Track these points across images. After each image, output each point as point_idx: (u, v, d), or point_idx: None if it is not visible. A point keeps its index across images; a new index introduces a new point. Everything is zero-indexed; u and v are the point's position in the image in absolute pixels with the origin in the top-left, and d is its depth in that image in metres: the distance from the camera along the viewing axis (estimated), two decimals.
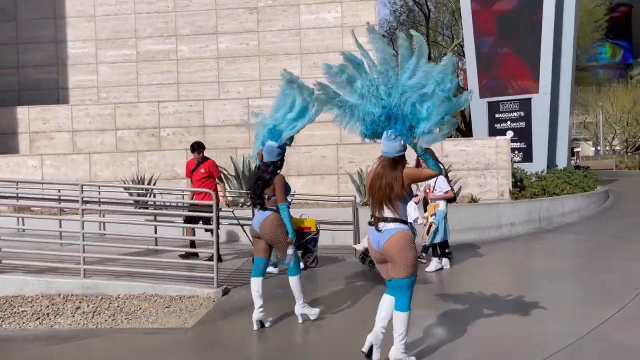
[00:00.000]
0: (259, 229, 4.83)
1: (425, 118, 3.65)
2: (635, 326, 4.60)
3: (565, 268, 7.26)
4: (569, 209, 11.57)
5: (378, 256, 3.77)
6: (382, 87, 3.73)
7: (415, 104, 3.67)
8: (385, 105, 3.72)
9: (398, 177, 3.65)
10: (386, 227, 3.67)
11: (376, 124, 3.77)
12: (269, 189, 4.80)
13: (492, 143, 11.21)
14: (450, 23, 25.07)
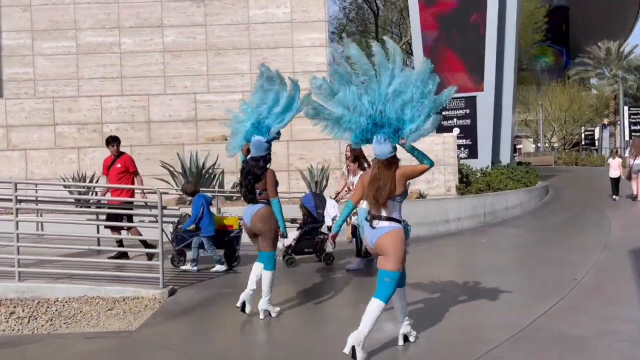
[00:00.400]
0: (250, 222, 4.89)
1: (409, 120, 3.90)
2: (574, 316, 4.77)
3: (509, 261, 7.50)
4: (512, 204, 11.97)
5: (372, 250, 4.04)
6: (365, 97, 3.96)
7: (398, 109, 3.91)
8: (370, 114, 3.95)
9: (392, 177, 3.87)
10: (380, 224, 3.90)
11: (364, 131, 4.01)
12: (260, 184, 4.86)
13: (439, 140, 11.42)
14: (399, 21, 25.43)
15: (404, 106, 3.91)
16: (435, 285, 6.05)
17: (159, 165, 10.68)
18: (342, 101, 4.00)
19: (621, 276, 6.22)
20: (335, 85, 3.99)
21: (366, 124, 3.98)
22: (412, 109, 3.90)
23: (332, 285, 6.30)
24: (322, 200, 7.60)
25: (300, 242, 7.39)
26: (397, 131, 3.94)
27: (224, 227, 7.16)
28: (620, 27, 75.21)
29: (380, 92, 3.93)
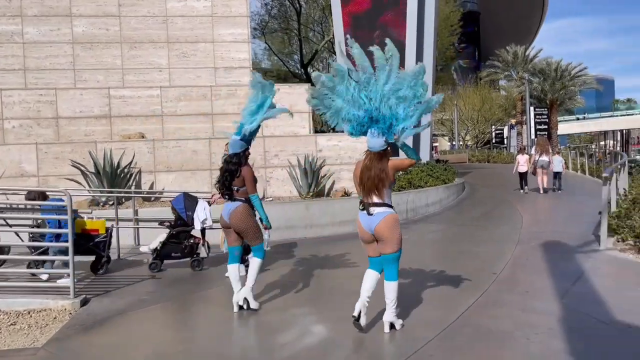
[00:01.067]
0: (229, 219, 5.01)
1: (403, 118, 4.27)
2: (495, 310, 4.92)
3: (432, 257, 7.67)
4: (432, 200, 12.34)
5: (368, 237, 4.36)
6: (363, 93, 4.34)
7: (393, 107, 4.28)
8: (367, 109, 4.33)
9: (385, 168, 4.26)
10: (376, 210, 4.26)
11: (361, 124, 4.37)
12: (238, 180, 4.99)
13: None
14: (321, 19, 25.52)
15: (398, 105, 4.27)
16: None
17: (68, 164, 9.95)
18: (342, 94, 4.37)
19: (534, 269, 6.53)
20: (337, 80, 4.34)
21: (363, 118, 4.34)
22: (405, 108, 4.27)
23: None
24: (193, 201, 7.21)
25: (166, 246, 6.99)
26: (390, 127, 4.30)
27: (87, 232, 6.56)
28: (526, 33, 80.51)
29: (377, 89, 4.30)
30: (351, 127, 4.43)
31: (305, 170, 10.34)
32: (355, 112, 4.37)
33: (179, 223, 7.10)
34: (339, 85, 4.36)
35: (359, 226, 4.42)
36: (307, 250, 8.20)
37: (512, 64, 45.37)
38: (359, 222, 4.41)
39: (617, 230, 7.95)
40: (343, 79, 4.35)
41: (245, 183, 5.01)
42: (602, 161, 19.71)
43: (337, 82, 4.35)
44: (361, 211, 4.36)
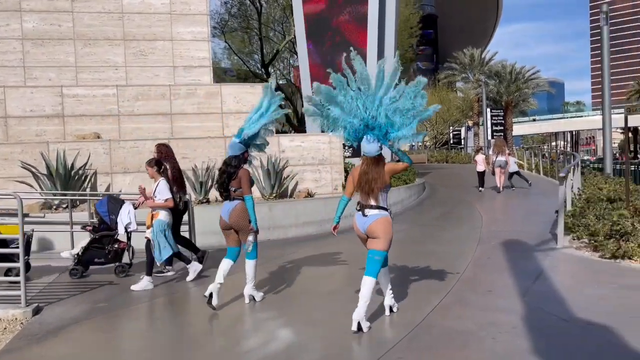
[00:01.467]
0: (228, 218, 5.23)
1: (399, 126, 4.54)
2: (460, 309, 4.95)
3: (396, 257, 7.66)
4: (393, 201, 12.41)
5: (362, 235, 4.70)
6: (360, 103, 4.58)
7: (389, 115, 4.52)
8: (362, 117, 4.58)
9: (381, 172, 4.52)
10: (371, 213, 4.53)
11: (357, 131, 4.64)
12: (235, 182, 5.22)
13: (325, 139, 11.50)
14: (282, 19, 25.37)
15: (395, 114, 4.53)
16: (328, 284, 6.00)
17: (18, 166, 9.49)
18: (340, 103, 4.62)
19: (496, 268, 6.62)
20: (336, 90, 4.61)
21: (358, 125, 4.62)
22: (401, 117, 4.53)
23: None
24: (117, 204, 6.89)
25: (88, 251, 6.67)
26: (386, 134, 4.58)
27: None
28: (481, 36, 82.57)
29: (375, 100, 4.57)
30: (347, 133, 4.70)
31: (268, 171, 10.21)
32: (351, 120, 4.64)
33: (102, 227, 6.78)
34: (338, 95, 4.63)
35: (354, 225, 4.73)
36: (271, 252, 8.08)
37: (469, 66, 46.37)
38: (354, 221, 4.73)
39: (572, 228, 8.18)
40: (342, 89, 4.62)
41: (241, 184, 5.23)
42: (555, 161, 20.36)
43: (337, 92, 4.63)
44: (357, 212, 4.66)
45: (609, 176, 13.81)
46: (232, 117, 11.74)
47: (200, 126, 11.57)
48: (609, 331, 4.22)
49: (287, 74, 28.63)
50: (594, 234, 7.43)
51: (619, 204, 8.33)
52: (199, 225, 8.90)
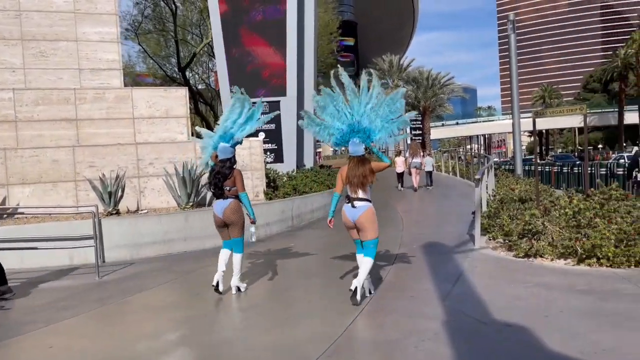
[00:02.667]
0: (223, 215, 5.73)
1: (380, 129, 5.42)
2: (383, 317, 4.81)
3: (318, 264, 7.49)
4: (317, 206, 12.28)
5: (350, 224, 5.36)
6: (347, 111, 5.47)
7: (372, 120, 5.41)
8: (350, 123, 5.46)
9: (367, 169, 5.28)
10: (359, 204, 5.25)
11: (344, 135, 5.51)
12: (229, 181, 5.75)
13: (245, 144, 11.10)
14: (199, 22, 24.61)
15: (376, 119, 5.40)
16: (244, 298, 5.67)
17: None
18: (331, 113, 5.53)
19: (418, 272, 6.60)
20: (327, 100, 5.52)
21: (345, 130, 5.48)
22: (382, 121, 5.41)
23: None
24: None
25: None
26: (369, 137, 5.43)
27: None
28: (399, 43, 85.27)
29: (360, 107, 5.43)
30: (335, 139, 5.59)
31: (183, 179, 9.69)
32: (339, 125, 5.52)
33: None
34: (329, 106, 5.52)
35: (344, 216, 5.38)
36: (185, 266, 7.63)
37: (388, 72, 47.58)
38: (344, 212, 5.37)
39: (488, 229, 8.38)
40: (332, 98, 5.52)
41: (235, 183, 5.78)
42: (470, 163, 21.19)
43: (328, 101, 5.53)
44: (346, 204, 5.34)
45: (520, 177, 14.48)
46: (145, 122, 11.08)
47: (110, 132, 10.81)
48: (526, 332, 4.24)
49: (206, 78, 27.88)
50: (508, 234, 7.63)
51: (530, 204, 8.64)
52: (109, 239, 8.28)
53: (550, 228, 7.15)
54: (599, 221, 6.82)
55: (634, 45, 58.99)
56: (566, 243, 6.71)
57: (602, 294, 5.24)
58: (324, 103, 5.58)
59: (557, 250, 6.79)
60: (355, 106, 5.45)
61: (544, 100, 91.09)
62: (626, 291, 5.30)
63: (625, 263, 6.34)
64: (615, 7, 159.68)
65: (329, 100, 5.55)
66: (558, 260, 6.76)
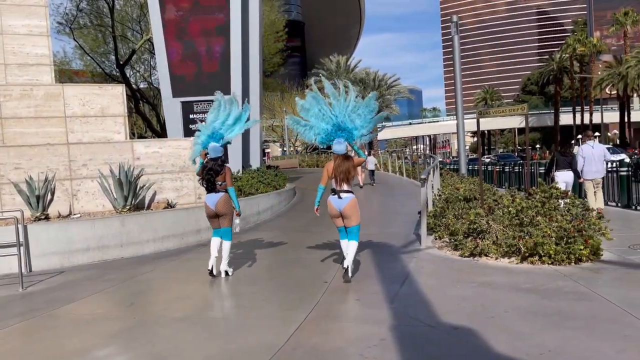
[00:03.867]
0: (215, 207, 6.39)
1: (359, 128, 6.29)
2: (327, 324, 4.61)
3: (263, 268, 7.22)
4: (263, 207, 11.98)
5: (336, 213, 6.08)
6: (330, 113, 6.28)
7: (354, 120, 6.25)
8: (334, 123, 6.27)
9: (351, 165, 6.07)
10: (345, 195, 6.01)
11: (328, 135, 6.30)
12: (220, 177, 6.39)
13: (187, 144, 10.69)
14: (140, 18, 23.66)
15: (356, 119, 6.27)
16: (185, 306, 5.34)
17: None
18: (316, 115, 6.34)
19: (364, 273, 6.45)
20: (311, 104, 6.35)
21: (330, 130, 6.29)
22: (361, 121, 6.28)
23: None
24: None
25: None
26: (352, 133, 6.26)
27: None
28: (347, 44, 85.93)
29: (341, 109, 6.25)
30: (321, 138, 6.37)
31: (120, 181, 9.16)
32: (324, 125, 6.31)
33: None
34: (313, 107, 6.34)
35: (330, 205, 6.10)
36: (121, 273, 7.17)
37: (335, 72, 47.72)
38: (330, 202, 6.09)
39: (434, 228, 8.37)
40: (317, 102, 6.34)
41: (225, 179, 6.42)
42: (416, 163, 21.44)
43: (312, 104, 6.35)
44: (333, 195, 6.08)
45: (464, 176, 14.72)
46: (78, 121, 10.43)
47: (39, 132, 10.11)
48: (473, 334, 4.15)
49: (148, 76, 26.90)
50: (453, 233, 7.63)
51: (475, 203, 8.70)
52: (36, 246, 7.69)
53: (495, 227, 7.19)
54: (540, 219, 6.91)
55: (569, 50, 61.98)
56: (510, 242, 6.76)
57: (545, 292, 5.26)
58: (309, 106, 6.36)
59: (501, 249, 6.83)
60: (338, 109, 6.25)
61: (486, 101, 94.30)
62: (567, 289, 5.34)
63: (566, 260, 6.45)
64: (550, 13, 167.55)
65: (313, 103, 6.34)
66: (502, 259, 6.80)
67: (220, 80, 14.77)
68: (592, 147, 10.52)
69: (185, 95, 14.59)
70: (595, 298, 4.96)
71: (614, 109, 62.81)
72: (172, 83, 14.57)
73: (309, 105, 6.36)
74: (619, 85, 52.46)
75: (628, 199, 12.00)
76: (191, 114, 14.67)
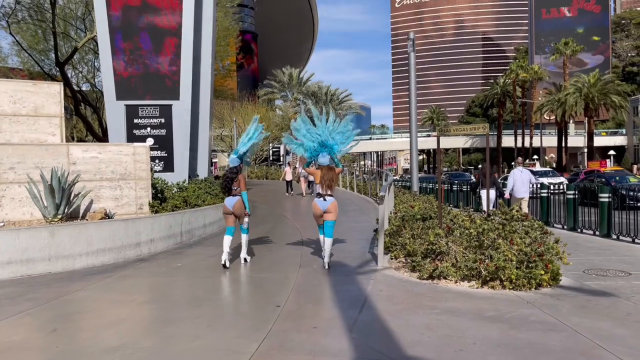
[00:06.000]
0: (232, 208, 7.67)
1: (339, 144, 7.80)
2: (281, 357, 4.12)
3: (209, 289, 6.63)
4: (210, 220, 11.33)
5: (320, 213, 7.42)
6: (316, 132, 7.74)
7: (334, 137, 7.74)
8: (320, 141, 7.72)
9: (334, 175, 7.47)
10: (329, 199, 7.39)
11: (314, 151, 7.78)
12: (236, 183, 7.69)
13: (129, 150, 9.95)
14: (84, 15, 22.37)
15: (337, 137, 7.74)
16: (120, 332, 4.69)
17: None
18: (304, 136, 7.78)
19: (320, 296, 6.02)
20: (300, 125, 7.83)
21: (317, 147, 7.74)
22: (341, 138, 7.78)
23: None
24: None
25: None
26: (332, 148, 7.72)
27: None
28: (299, 58, 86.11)
29: (324, 129, 7.71)
30: (309, 152, 7.80)
31: (51, 188, 8.31)
32: (310, 143, 7.75)
33: None
34: (301, 128, 7.79)
35: (316, 206, 7.43)
36: (47, 292, 6.38)
37: (287, 85, 47.43)
38: (315, 204, 7.44)
39: (390, 247, 8.05)
40: (304, 123, 7.79)
41: (240, 185, 7.70)
42: (367, 179, 21.29)
43: (301, 126, 7.80)
44: (318, 198, 7.44)
45: (416, 194, 14.59)
46: (7, 120, 9.48)
47: None
48: None
49: (91, 78, 25.47)
50: (411, 253, 7.33)
51: (431, 222, 8.45)
52: None
53: (454, 248, 6.93)
54: (501, 242, 6.71)
55: (512, 75, 64.48)
56: (470, 265, 6.50)
57: (511, 321, 4.98)
58: (299, 127, 7.84)
59: (462, 272, 6.57)
60: (321, 129, 7.72)
61: (433, 121, 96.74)
62: (533, 317, 5.10)
63: (527, 285, 6.26)
64: (495, 39, 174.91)
65: (302, 125, 7.81)
66: (462, 283, 6.53)
67: (169, 85, 14.02)
68: (521, 171, 12.65)
69: (130, 99, 13.71)
70: (564, 329, 4.72)
71: (552, 134, 65.69)
72: (117, 85, 13.66)
73: (298, 127, 7.83)
74: (557, 111, 54.89)
75: (574, 221, 12.20)
76: (136, 119, 13.79)
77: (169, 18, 14.00)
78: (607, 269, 7.51)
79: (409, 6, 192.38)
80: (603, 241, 10.39)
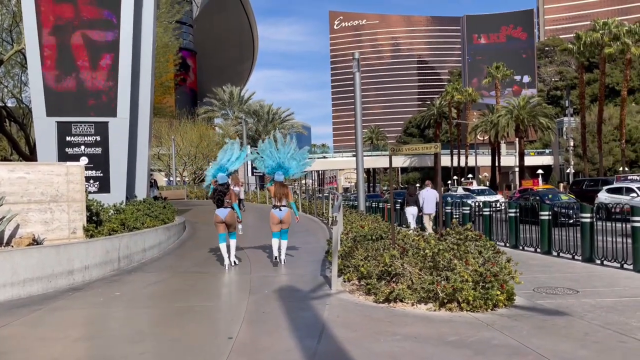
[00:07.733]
0: (225, 218, 9.01)
1: (294, 168, 9.63)
2: None
3: (150, 321, 6.11)
4: (150, 244, 10.68)
5: (278, 221, 9.14)
6: (277, 155, 9.54)
7: (291, 161, 9.59)
8: (278, 163, 9.52)
9: (287, 189, 9.27)
10: (284, 209, 9.17)
11: (273, 169, 9.52)
12: (227, 196, 9.07)
13: (61, 170, 9.22)
14: (11, 27, 20.96)
15: (293, 163, 9.60)
16: None
17: None
18: (268, 156, 9.59)
19: (274, 325, 5.65)
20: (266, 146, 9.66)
21: (275, 167, 9.52)
22: (296, 165, 9.66)
23: None
24: None
25: None
26: (287, 171, 9.53)
27: None
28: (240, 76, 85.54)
29: (284, 154, 9.54)
30: (269, 169, 9.59)
31: None
32: (271, 163, 9.52)
33: None
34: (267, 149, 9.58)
35: (273, 215, 9.13)
36: None
37: (228, 103, 46.80)
38: (273, 214, 9.15)
39: (343, 269, 7.82)
40: (270, 145, 9.56)
41: (231, 198, 9.08)
42: (313, 198, 21.11)
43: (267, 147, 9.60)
44: (275, 209, 9.16)
45: (363, 213, 14.51)
46: None
47: None
48: None
49: (18, 93, 23.89)
50: (365, 276, 7.12)
51: (383, 243, 8.30)
52: None
53: (410, 270, 6.79)
54: (457, 262, 6.63)
55: (447, 97, 66.93)
56: (427, 286, 6.37)
57: (474, 345, 4.85)
58: (264, 147, 9.61)
59: (418, 294, 6.42)
60: (282, 152, 9.50)
61: (372, 140, 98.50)
62: (496, 341, 4.99)
63: (484, 306, 6.19)
64: (429, 63, 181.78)
65: (267, 146, 9.56)
66: (419, 305, 6.38)
67: (106, 100, 13.29)
68: (427, 191, 15.09)
69: (62, 115, 12.83)
70: (529, 352, 4.63)
71: (486, 154, 68.47)
72: (47, 100, 12.76)
73: (264, 147, 9.61)
74: (491, 132, 57.33)
75: (516, 239, 12.49)
76: (68, 136, 12.90)
77: (106, 32, 13.33)
78: (555, 286, 7.61)
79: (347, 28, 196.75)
80: (545, 258, 10.64)
